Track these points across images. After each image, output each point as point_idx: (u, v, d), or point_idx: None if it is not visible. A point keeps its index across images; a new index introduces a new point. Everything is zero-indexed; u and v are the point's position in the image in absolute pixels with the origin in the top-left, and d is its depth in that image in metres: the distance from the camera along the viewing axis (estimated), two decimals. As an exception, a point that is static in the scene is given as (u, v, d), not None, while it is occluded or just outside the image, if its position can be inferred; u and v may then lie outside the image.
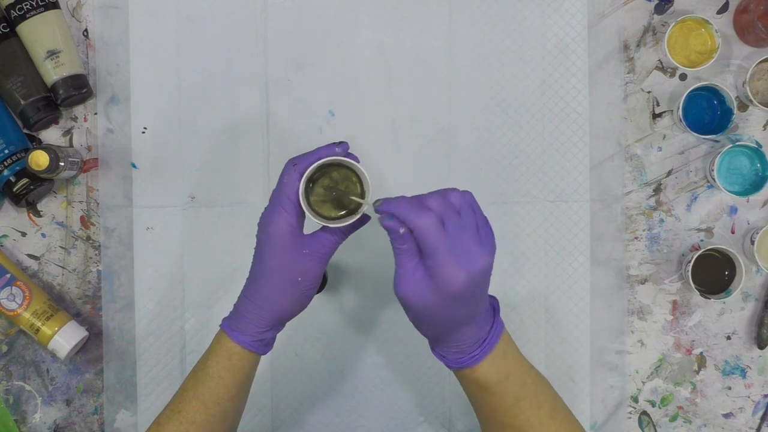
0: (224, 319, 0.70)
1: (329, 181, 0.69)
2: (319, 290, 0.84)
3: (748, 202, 0.89)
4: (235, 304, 0.70)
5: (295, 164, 0.67)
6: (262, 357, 0.71)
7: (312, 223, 0.67)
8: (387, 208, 0.61)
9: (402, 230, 0.61)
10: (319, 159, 0.66)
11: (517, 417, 0.67)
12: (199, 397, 0.68)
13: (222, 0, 0.89)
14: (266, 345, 0.70)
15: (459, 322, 0.63)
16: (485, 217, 0.64)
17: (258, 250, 0.67)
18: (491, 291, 0.66)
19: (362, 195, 0.68)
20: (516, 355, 0.68)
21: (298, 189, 0.66)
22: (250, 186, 0.88)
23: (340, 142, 0.68)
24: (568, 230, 0.89)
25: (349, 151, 0.69)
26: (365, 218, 0.68)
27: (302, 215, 0.67)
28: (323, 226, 0.68)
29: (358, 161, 0.68)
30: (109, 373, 0.88)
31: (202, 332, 0.88)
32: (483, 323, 0.65)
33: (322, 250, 0.67)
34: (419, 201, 0.61)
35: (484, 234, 0.63)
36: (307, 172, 0.66)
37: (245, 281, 0.70)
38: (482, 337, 0.65)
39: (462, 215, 0.61)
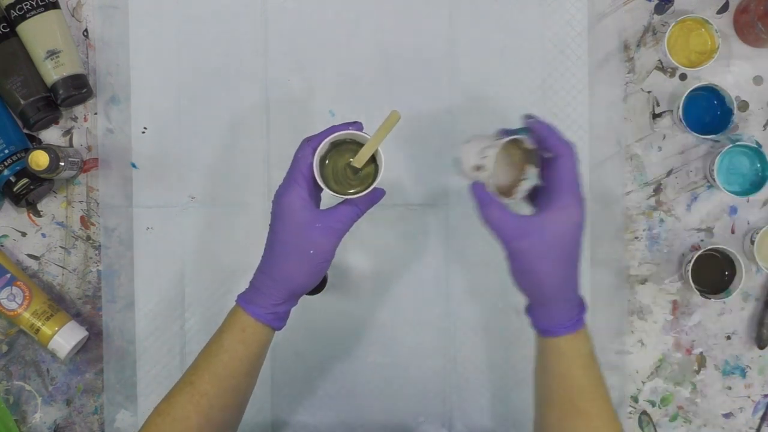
0: (239, 295, 0.71)
1: (344, 158, 0.70)
2: (319, 290, 0.84)
3: (748, 202, 0.89)
4: (250, 281, 0.71)
5: (309, 140, 0.69)
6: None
7: (331, 201, 0.69)
8: (540, 125, 0.68)
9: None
10: (333, 134, 0.68)
11: (590, 400, 0.68)
12: (212, 369, 0.69)
13: (222, 0, 0.89)
14: (280, 318, 0.70)
15: (574, 266, 0.67)
16: None
17: (272, 223, 0.68)
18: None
19: (376, 171, 0.69)
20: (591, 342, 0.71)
21: (311, 163, 0.67)
22: (250, 186, 0.88)
23: (354, 122, 0.69)
24: (568, 230, 0.89)
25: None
26: (379, 192, 0.70)
27: (316, 190, 0.69)
28: (339, 203, 0.69)
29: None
30: (109, 373, 0.88)
31: (202, 332, 0.88)
32: (574, 294, 0.68)
33: (335, 225, 0.67)
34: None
35: None
36: (320, 146, 0.67)
37: (261, 257, 0.70)
38: (575, 310, 0.68)
39: None
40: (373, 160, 0.70)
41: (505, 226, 0.65)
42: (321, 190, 0.69)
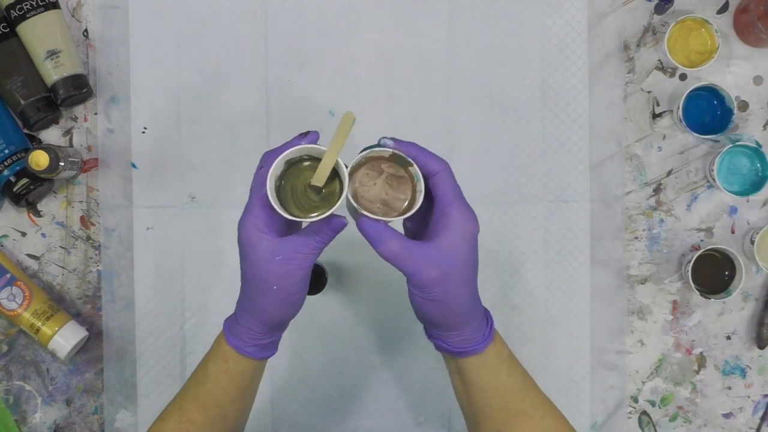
0: (226, 319, 0.68)
1: (303, 177, 0.62)
2: (319, 290, 0.84)
3: (748, 202, 0.89)
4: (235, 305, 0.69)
5: (261, 166, 0.63)
6: None
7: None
8: (404, 147, 0.62)
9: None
10: (283, 153, 0.61)
11: (524, 400, 0.66)
12: (199, 398, 0.67)
13: (222, 0, 0.89)
14: (264, 349, 0.66)
15: (472, 287, 0.63)
16: None
17: (239, 256, 0.64)
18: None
19: (341, 188, 0.61)
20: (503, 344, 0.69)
21: (264, 190, 0.60)
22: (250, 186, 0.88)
23: (307, 132, 0.63)
24: (568, 230, 0.89)
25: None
26: (338, 223, 0.62)
27: (275, 219, 0.62)
28: (302, 229, 0.63)
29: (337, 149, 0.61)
30: (109, 373, 0.88)
31: (202, 332, 0.88)
32: (481, 307, 0.66)
33: (295, 256, 0.61)
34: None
35: None
36: (273, 167, 0.60)
37: None
38: (484, 322, 0.66)
39: None
40: (336, 174, 0.62)
41: (407, 257, 0.60)
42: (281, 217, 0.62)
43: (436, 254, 0.60)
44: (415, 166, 0.62)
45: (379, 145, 0.63)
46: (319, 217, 0.60)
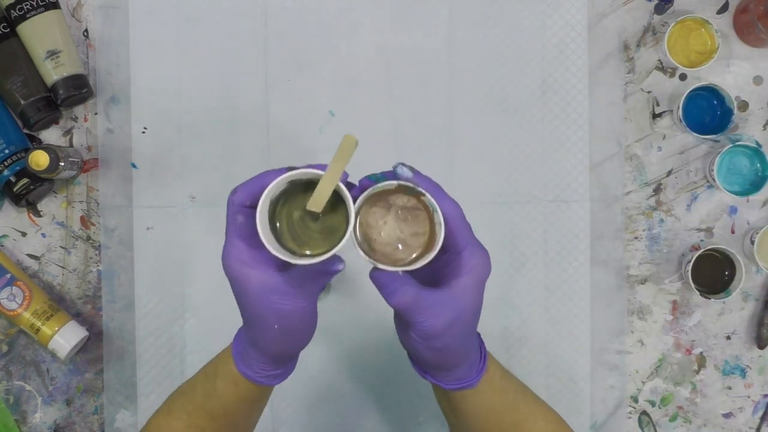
0: (236, 338, 0.62)
1: (299, 204, 0.55)
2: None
3: (748, 202, 0.89)
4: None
5: (234, 191, 0.57)
6: None
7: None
8: (419, 181, 0.54)
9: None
10: (265, 183, 0.53)
11: (517, 410, 0.65)
12: (206, 407, 0.64)
13: (222, 0, 0.89)
14: (275, 378, 0.62)
15: (474, 333, 0.60)
16: None
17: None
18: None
19: (347, 221, 0.53)
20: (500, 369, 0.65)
21: (240, 219, 0.54)
22: (250, 186, 0.88)
23: (293, 167, 0.55)
24: (568, 230, 0.89)
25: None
26: (335, 270, 0.55)
27: (265, 250, 0.53)
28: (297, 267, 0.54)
29: (345, 178, 0.54)
30: (109, 373, 0.88)
31: (202, 332, 0.88)
32: (477, 344, 0.62)
33: (294, 295, 0.55)
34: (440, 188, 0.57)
35: None
36: (269, 189, 0.53)
37: None
38: (478, 356, 0.62)
39: None
40: (339, 202, 0.54)
41: (419, 308, 0.55)
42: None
43: (449, 304, 0.55)
44: (428, 195, 0.55)
45: (379, 177, 0.55)
46: (318, 260, 0.52)
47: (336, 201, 0.53)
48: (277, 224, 0.54)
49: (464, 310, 0.56)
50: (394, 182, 0.54)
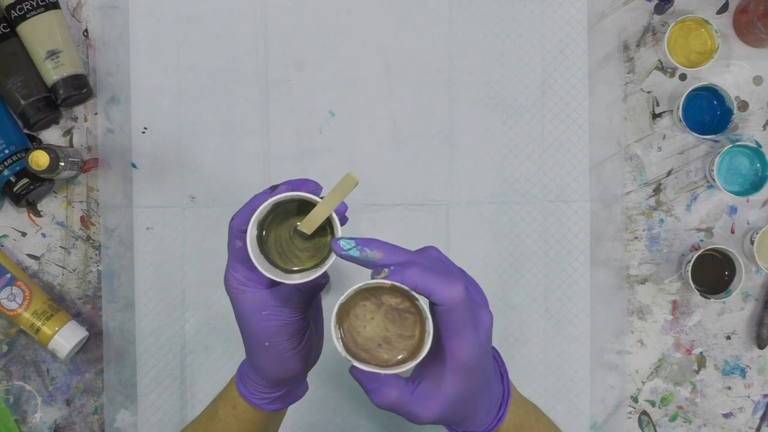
0: (243, 361, 0.64)
1: (288, 224, 0.57)
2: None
3: (747, 202, 0.89)
4: None
5: (233, 219, 0.57)
6: None
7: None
8: (409, 281, 0.50)
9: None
10: (255, 207, 0.55)
11: None
12: (209, 431, 0.65)
13: (222, 0, 0.89)
14: (273, 402, 0.63)
15: (482, 393, 0.57)
16: None
17: None
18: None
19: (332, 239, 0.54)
20: (522, 400, 0.62)
21: (239, 245, 0.56)
22: (250, 186, 0.88)
23: (276, 186, 0.56)
24: (568, 230, 0.89)
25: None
26: (319, 286, 0.58)
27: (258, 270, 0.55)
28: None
29: (318, 193, 0.56)
30: (109, 373, 0.88)
31: (202, 332, 0.88)
32: (495, 381, 0.59)
33: (282, 310, 0.57)
34: (443, 268, 0.54)
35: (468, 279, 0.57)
36: (258, 212, 0.54)
37: None
38: (498, 400, 0.59)
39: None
40: (327, 229, 0.56)
41: (405, 405, 0.54)
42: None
43: (439, 396, 0.53)
44: (421, 300, 0.52)
45: (375, 268, 0.53)
46: (303, 280, 0.54)
47: (324, 225, 0.56)
48: (266, 244, 0.57)
49: (459, 392, 0.54)
50: (388, 282, 0.51)
